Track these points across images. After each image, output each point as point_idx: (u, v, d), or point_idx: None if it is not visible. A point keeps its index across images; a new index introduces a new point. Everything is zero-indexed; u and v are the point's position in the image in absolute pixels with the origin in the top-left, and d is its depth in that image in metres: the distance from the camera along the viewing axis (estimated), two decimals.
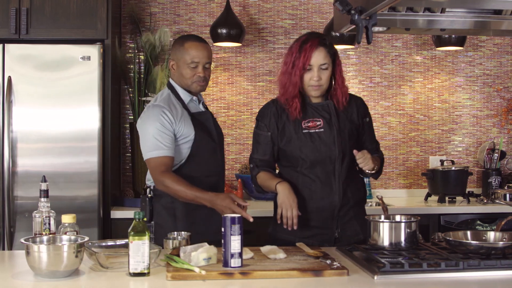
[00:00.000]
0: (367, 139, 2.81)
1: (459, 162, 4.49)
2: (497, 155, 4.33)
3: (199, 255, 2.15)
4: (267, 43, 4.42)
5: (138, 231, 2.08)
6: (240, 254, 2.14)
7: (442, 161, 4.26)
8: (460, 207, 3.94)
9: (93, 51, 3.55)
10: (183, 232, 2.49)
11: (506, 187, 4.21)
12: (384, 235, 2.33)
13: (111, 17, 3.68)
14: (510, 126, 4.57)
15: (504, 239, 2.33)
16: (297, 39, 2.71)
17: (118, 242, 2.40)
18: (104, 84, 3.63)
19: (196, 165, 2.79)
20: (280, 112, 2.73)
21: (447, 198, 4.05)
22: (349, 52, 4.49)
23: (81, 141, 3.55)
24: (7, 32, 3.61)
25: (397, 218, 2.45)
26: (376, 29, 2.68)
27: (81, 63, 3.55)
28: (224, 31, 4.09)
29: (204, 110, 2.91)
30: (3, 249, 3.46)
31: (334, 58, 2.69)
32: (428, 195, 4.17)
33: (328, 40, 2.69)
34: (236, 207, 2.51)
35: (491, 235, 2.39)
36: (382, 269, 2.08)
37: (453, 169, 4.10)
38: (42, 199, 2.34)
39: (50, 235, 2.26)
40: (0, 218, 3.48)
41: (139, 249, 2.07)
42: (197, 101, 2.89)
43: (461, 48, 4.40)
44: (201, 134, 2.79)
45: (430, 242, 2.54)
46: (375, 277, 2.06)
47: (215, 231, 2.54)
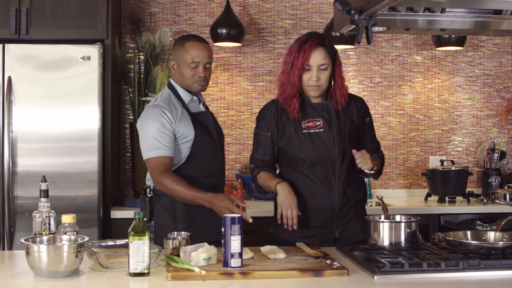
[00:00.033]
0: (368, 139, 2.81)
1: (459, 162, 4.49)
2: (497, 155, 4.33)
3: (199, 255, 2.15)
4: (267, 43, 4.42)
5: (138, 231, 2.08)
6: (240, 254, 2.14)
7: (442, 161, 4.26)
8: (460, 207, 3.94)
9: (93, 51, 3.55)
10: (183, 232, 2.49)
11: (506, 187, 4.21)
12: (384, 235, 2.33)
13: (111, 17, 3.68)
14: (510, 126, 4.57)
15: (504, 239, 2.33)
16: (297, 39, 2.71)
17: (118, 242, 2.40)
18: (104, 84, 3.63)
19: (196, 165, 2.79)
20: (280, 112, 2.73)
21: (447, 198, 4.05)
22: (349, 52, 4.49)
23: (81, 141, 3.55)
24: (7, 32, 3.61)
25: (397, 218, 2.45)
26: (376, 29, 2.68)
27: (81, 63, 3.55)
28: (224, 31, 4.09)
29: (204, 110, 2.91)
30: (3, 249, 3.46)
31: (334, 58, 2.69)
32: (428, 195, 4.17)
33: (328, 41, 2.68)
34: (235, 208, 2.51)
35: (491, 235, 2.39)
36: (382, 269, 2.08)
37: (453, 169, 4.10)
38: (42, 199, 2.34)
39: (50, 235, 2.26)
40: (0, 218, 3.48)
41: (139, 249, 2.07)
42: (197, 101, 2.89)
43: (461, 48, 4.40)
44: (201, 134, 2.79)
45: (430, 242, 2.53)
46: (375, 277, 2.06)
47: (215, 231, 2.54)
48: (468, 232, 2.43)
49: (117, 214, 3.64)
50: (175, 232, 2.50)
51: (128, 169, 4.25)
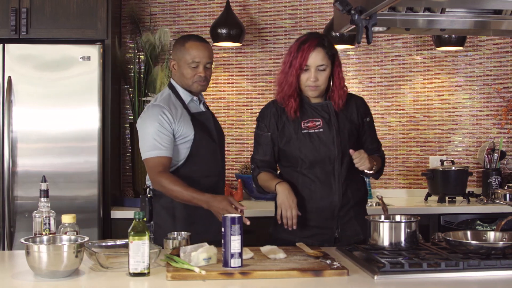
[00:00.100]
0: (368, 139, 2.81)
1: (459, 162, 4.49)
2: (497, 155, 4.33)
3: (199, 255, 2.15)
4: (267, 43, 4.42)
5: (138, 231, 2.08)
6: (240, 254, 2.14)
7: (442, 161, 4.26)
8: (460, 207, 3.94)
9: (93, 51, 3.55)
10: (183, 232, 2.49)
11: (506, 187, 4.21)
12: (384, 235, 2.33)
13: (111, 17, 3.68)
14: (510, 126, 4.57)
15: (504, 239, 2.33)
16: (297, 39, 2.71)
17: (118, 242, 2.39)
18: (104, 84, 3.63)
19: (195, 165, 2.78)
20: (280, 113, 2.73)
21: (447, 198, 4.05)
22: (349, 52, 4.49)
23: (81, 141, 3.55)
24: (7, 32, 3.61)
25: (397, 218, 2.45)
26: (376, 29, 2.68)
27: (81, 63, 3.55)
28: (224, 31, 4.09)
29: (204, 110, 2.91)
30: (3, 249, 3.46)
31: (334, 59, 2.68)
32: (428, 195, 4.17)
33: (328, 41, 2.67)
34: (233, 210, 2.50)
35: (491, 235, 2.39)
36: (382, 269, 2.08)
37: (453, 169, 4.10)
38: (42, 199, 2.34)
39: (50, 235, 2.26)
40: (0, 218, 3.48)
41: (139, 249, 2.07)
42: (197, 101, 2.89)
43: (461, 48, 4.40)
44: (201, 134, 2.78)
45: (430, 242, 2.53)
46: (375, 277, 2.06)
47: (215, 231, 2.54)
48: (468, 232, 2.43)
49: (117, 214, 3.64)
50: (175, 232, 2.50)
51: (128, 169, 4.25)
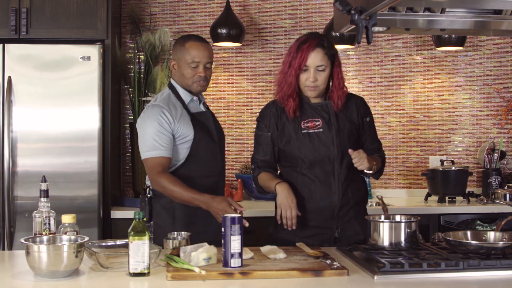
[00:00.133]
0: (368, 139, 2.81)
1: (459, 162, 4.48)
2: (497, 155, 4.33)
3: (199, 255, 2.15)
4: (267, 43, 4.42)
5: (138, 231, 2.08)
6: (240, 254, 2.14)
7: (442, 161, 4.26)
8: (460, 207, 3.94)
9: (93, 51, 3.55)
10: (183, 232, 2.49)
11: (506, 187, 4.21)
12: (384, 235, 2.33)
13: (111, 17, 3.68)
14: (510, 126, 4.57)
15: (504, 239, 2.33)
16: (297, 39, 2.71)
17: (118, 242, 2.39)
18: (104, 84, 3.63)
19: (195, 165, 2.78)
20: (280, 113, 2.73)
21: (447, 198, 4.05)
22: (349, 52, 4.49)
23: (81, 141, 3.55)
24: (7, 32, 3.61)
25: (397, 218, 2.45)
26: (376, 29, 2.68)
27: (81, 63, 3.55)
28: (224, 31, 4.09)
29: (204, 110, 2.90)
30: (3, 249, 3.46)
31: (333, 59, 2.68)
32: (428, 195, 4.17)
33: (328, 41, 2.67)
34: (232, 211, 2.49)
35: (491, 235, 2.39)
36: (382, 269, 2.08)
37: (453, 169, 4.10)
38: (42, 199, 2.34)
39: (50, 235, 2.26)
40: (0, 218, 3.48)
41: (139, 249, 2.07)
42: (197, 101, 2.88)
43: (461, 48, 4.40)
44: (200, 134, 2.78)
45: (430, 242, 2.53)
46: (375, 277, 2.06)
47: (214, 231, 2.54)
48: (468, 232, 2.43)
49: (117, 214, 3.64)
50: (175, 232, 2.50)
51: (128, 169, 4.25)
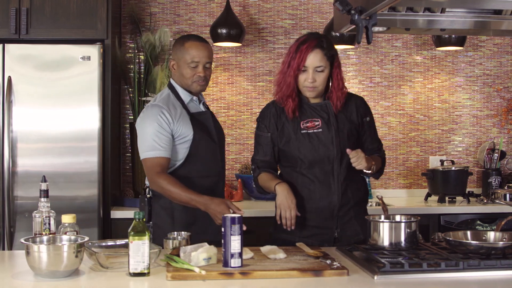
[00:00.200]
0: (368, 139, 2.81)
1: (459, 162, 4.48)
2: (497, 155, 4.33)
3: (199, 255, 2.15)
4: (267, 43, 4.42)
5: (138, 231, 2.08)
6: (240, 254, 2.14)
7: (442, 161, 4.26)
8: (460, 207, 3.94)
9: (93, 51, 3.55)
10: (183, 232, 2.49)
11: (506, 187, 4.21)
12: (384, 235, 2.33)
13: (111, 17, 3.68)
14: (510, 126, 4.57)
15: (504, 239, 2.33)
16: (297, 39, 2.71)
17: (118, 242, 2.40)
18: (104, 84, 3.63)
19: (195, 165, 2.78)
20: (280, 113, 2.73)
21: (447, 198, 4.05)
22: (349, 52, 4.49)
23: (81, 141, 3.55)
24: (7, 32, 3.61)
25: (397, 218, 2.45)
26: (376, 29, 2.68)
27: (81, 63, 3.55)
28: (224, 31, 4.09)
29: (204, 110, 2.90)
30: (3, 249, 3.46)
31: (333, 60, 2.68)
32: (428, 195, 4.17)
33: (327, 42, 2.67)
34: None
35: (491, 235, 2.39)
36: (382, 269, 2.08)
37: (453, 169, 4.10)
38: (42, 199, 2.34)
39: (50, 235, 2.26)
40: (0, 218, 3.48)
41: (139, 249, 2.07)
42: (197, 101, 2.88)
43: (461, 48, 4.40)
44: (200, 134, 2.78)
45: (430, 242, 2.53)
46: (375, 277, 2.06)
47: (214, 232, 2.54)
48: (468, 232, 2.43)
49: (117, 214, 3.64)
50: (175, 232, 2.50)
51: (128, 169, 4.25)
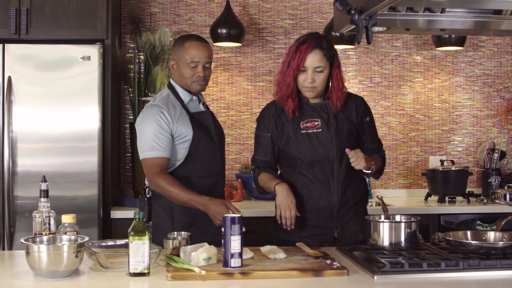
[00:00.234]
0: (368, 138, 2.81)
1: (459, 162, 4.48)
2: (497, 155, 4.33)
3: (199, 255, 2.15)
4: (267, 43, 4.42)
5: (138, 231, 2.08)
6: (240, 254, 2.14)
7: (442, 161, 4.26)
8: (460, 207, 3.94)
9: (93, 51, 3.55)
10: (183, 232, 2.49)
11: (506, 187, 4.21)
12: (384, 235, 2.33)
13: (111, 17, 3.68)
14: (510, 126, 4.57)
15: (504, 239, 2.33)
16: (297, 39, 2.71)
17: (118, 242, 2.40)
18: (104, 84, 3.63)
19: (194, 165, 2.78)
20: (279, 113, 2.73)
21: (447, 198, 4.05)
22: (349, 52, 4.49)
23: (81, 141, 3.55)
24: (7, 32, 3.61)
25: (397, 218, 2.45)
26: (376, 29, 2.68)
27: (81, 63, 3.55)
28: (224, 31, 4.09)
29: (204, 110, 2.90)
30: (3, 249, 3.46)
31: (332, 60, 2.68)
32: (428, 195, 4.17)
33: (327, 42, 2.67)
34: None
35: (491, 235, 2.39)
36: (382, 269, 2.08)
37: (453, 169, 4.10)
38: (42, 199, 2.34)
39: (50, 235, 2.26)
40: (0, 218, 3.48)
41: (139, 249, 2.07)
42: (197, 101, 2.88)
43: (461, 48, 4.40)
44: (200, 134, 2.78)
45: (430, 242, 2.53)
46: (375, 277, 2.06)
47: (213, 232, 2.54)
48: (468, 232, 2.43)
49: (117, 214, 3.64)
50: (175, 232, 2.49)
51: (128, 169, 4.25)
